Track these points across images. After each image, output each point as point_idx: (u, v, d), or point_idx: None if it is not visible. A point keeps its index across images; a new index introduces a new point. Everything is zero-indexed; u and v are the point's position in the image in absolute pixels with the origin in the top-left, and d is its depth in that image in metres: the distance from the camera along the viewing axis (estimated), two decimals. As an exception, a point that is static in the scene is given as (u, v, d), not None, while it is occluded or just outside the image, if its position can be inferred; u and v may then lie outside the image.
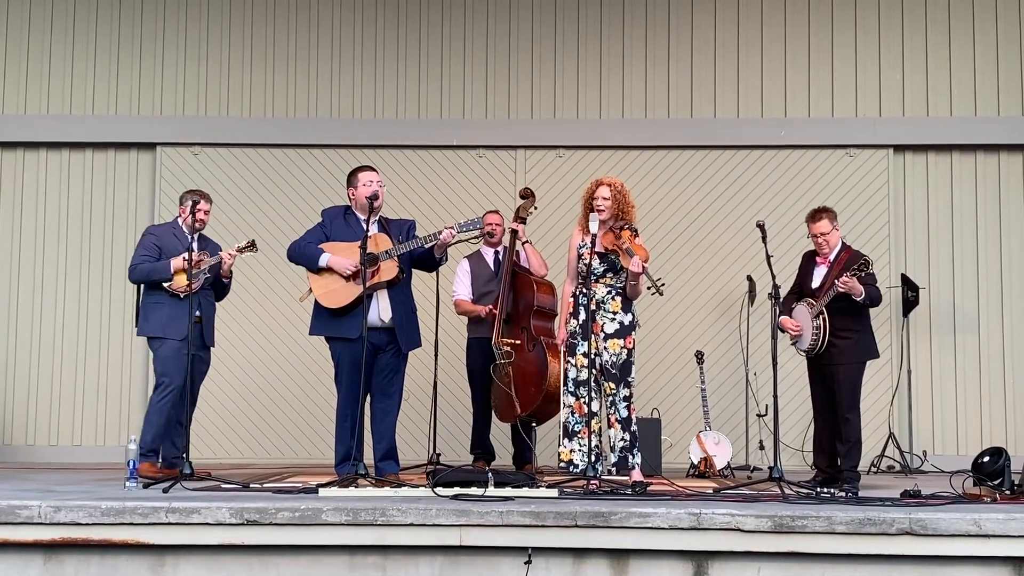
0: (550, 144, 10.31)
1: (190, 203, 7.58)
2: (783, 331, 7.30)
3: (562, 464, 6.91)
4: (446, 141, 10.32)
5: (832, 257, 7.40)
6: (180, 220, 7.68)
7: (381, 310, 7.02)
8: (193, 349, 7.28)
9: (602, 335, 6.91)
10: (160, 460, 7.40)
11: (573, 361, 6.92)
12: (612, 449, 6.96)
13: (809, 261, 7.53)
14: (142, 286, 7.57)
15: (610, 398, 6.88)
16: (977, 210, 10.15)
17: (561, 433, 7.00)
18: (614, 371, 6.88)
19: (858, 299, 7.13)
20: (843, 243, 7.51)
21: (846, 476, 7.12)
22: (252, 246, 7.65)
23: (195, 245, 7.56)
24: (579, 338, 6.88)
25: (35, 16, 10.49)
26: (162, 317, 7.40)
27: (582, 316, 6.87)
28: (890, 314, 9.95)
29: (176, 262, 7.37)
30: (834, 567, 5.34)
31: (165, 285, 7.39)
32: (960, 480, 6.44)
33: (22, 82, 10.44)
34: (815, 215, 7.45)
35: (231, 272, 7.68)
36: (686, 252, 10.11)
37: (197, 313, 7.38)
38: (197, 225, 7.62)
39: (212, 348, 7.78)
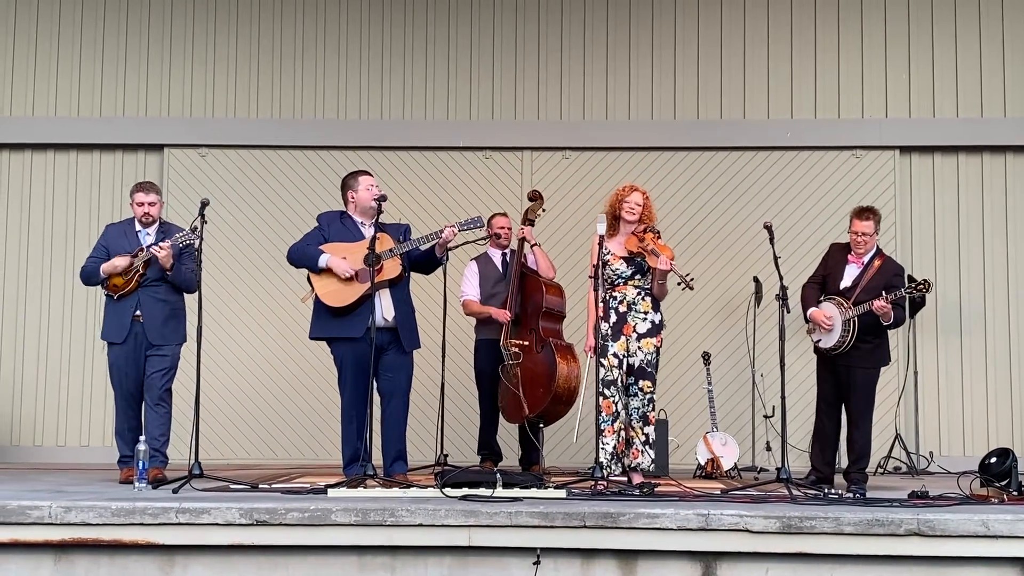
0: (556, 146, 10.32)
1: (134, 196, 7.36)
2: (808, 322, 7.25)
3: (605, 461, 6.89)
4: (452, 143, 10.34)
5: (866, 259, 7.33)
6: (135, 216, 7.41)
7: (384, 309, 7.04)
8: (141, 351, 7.19)
9: (635, 335, 6.99)
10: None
11: (604, 362, 6.95)
12: (651, 446, 7.00)
13: (840, 255, 7.42)
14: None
15: (647, 396, 6.96)
16: (983, 211, 10.14)
17: (596, 434, 7.02)
18: (650, 369, 6.98)
19: (886, 324, 7.12)
20: (877, 247, 7.43)
21: (854, 478, 7.12)
22: (193, 232, 7.11)
23: (148, 240, 7.29)
24: (609, 339, 6.94)
25: (43, 18, 10.51)
26: (106, 319, 7.31)
27: (612, 318, 6.97)
28: (896, 315, 9.95)
29: (105, 265, 7.18)
30: (842, 568, 5.35)
31: (103, 285, 7.26)
32: (967, 481, 6.45)
33: (30, 84, 10.47)
34: (864, 213, 7.32)
35: (172, 265, 7.13)
36: (693, 253, 10.10)
37: (137, 312, 7.18)
38: (143, 219, 7.32)
39: (173, 346, 7.28)
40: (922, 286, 7.22)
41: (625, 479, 6.87)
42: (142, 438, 6.68)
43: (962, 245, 10.12)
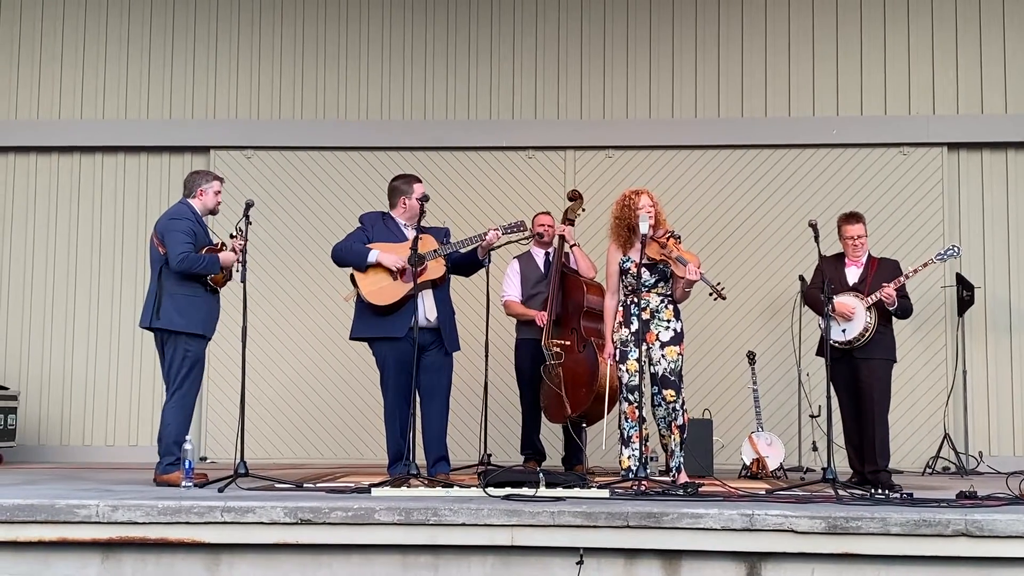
0: (600, 145, 10.30)
1: (215, 185, 7.16)
2: (825, 318, 7.03)
3: (623, 472, 6.91)
4: (495, 142, 10.35)
5: (863, 260, 7.45)
6: (196, 205, 7.14)
7: (427, 309, 7.11)
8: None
9: (658, 344, 6.94)
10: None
11: (625, 367, 6.94)
12: (672, 455, 6.98)
13: (835, 263, 7.48)
14: (162, 274, 6.94)
15: (671, 405, 6.90)
16: (1033, 208, 10.03)
17: (619, 441, 7.03)
18: (673, 378, 6.92)
19: (891, 308, 7.18)
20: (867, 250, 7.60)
21: (887, 479, 7.04)
22: (245, 226, 6.96)
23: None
24: (631, 345, 6.90)
25: (90, 22, 10.65)
26: (199, 312, 6.93)
27: (634, 325, 6.90)
28: (945, 313, 9.86)
29: (227, 256, 6.93)
30: (889, 568, 5.29)
31: (208, 278, 6.95)
32: (1017, 481, 6.38)
33: (78, 88, 10.61)
34: (853, 218, 7.49)
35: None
36: (738, 252, 10.06)
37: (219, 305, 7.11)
38: (215, 209, 7.20)
39: None
40: (951, 250, 7.41)
41: (669, 479, 6.85)
42: (188, 437, 6.70)
43: (1011, 242, 9.99)
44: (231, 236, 6.99)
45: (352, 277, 7.23)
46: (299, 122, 10.50)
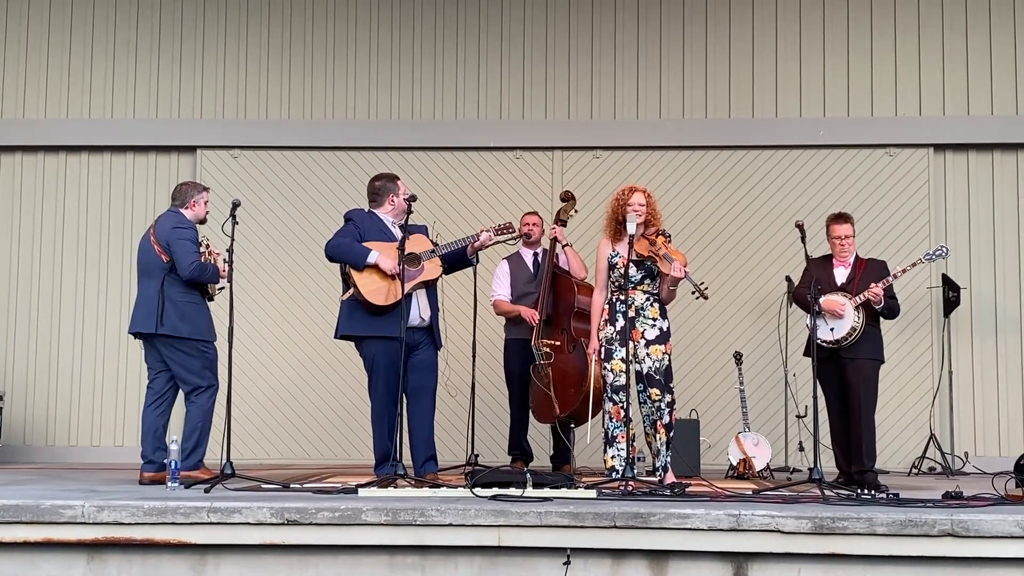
0: (587, 145, 10.31)
1: (205, 196, 7.36)
2: (815, 317, 7.01)
3: (607, 472, 6.92)
4: (483, 143, 10.34)
5: (851, 260, 7.45)
6: (188, 215, 7.28)
7: (421, 309, 7.12)
8: None
9: (643, 342, 6.93)
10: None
11: (610, 367, 6.93)
12: (657, 455, 6.98)
13: (823, 264, 7.48)
14: (164, 282, 7.06)
15: (656, 404, 6.89)
16: (1019, 209, 10.05)
17: (604, 440, 7.03)
18: (658, 377, 6.91)
19: (877, 307, 7.19)
20: (855, 251, 7.59)
21: (873, 480, 7.05)
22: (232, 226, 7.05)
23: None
24: (616, 344, 6.89)
25: (76, 21, 10.61)
26: (205, 319, 7.17)
27: (620, 323, 6.89)
28: (931, 314, 9.89)
29: (222, 266, 7.14)
30: (875, 569, 5.30)
31: (209, 287, 7.20)
32: (1003, 481, 6.40)
33: (64, 87, 10.57)
34: (841, 218, 7.49)
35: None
36: (724, 252, 10.08)
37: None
38: (206, 219, 7.39)
39: None
40: (940, 251, 7.40)
41: (656, 479, 6.85)
42: (175, 437, 6.68)
43: (997, 244, 10.03)
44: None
45: (347, 276, 7.15)
46: (286, 122, 10.48)
